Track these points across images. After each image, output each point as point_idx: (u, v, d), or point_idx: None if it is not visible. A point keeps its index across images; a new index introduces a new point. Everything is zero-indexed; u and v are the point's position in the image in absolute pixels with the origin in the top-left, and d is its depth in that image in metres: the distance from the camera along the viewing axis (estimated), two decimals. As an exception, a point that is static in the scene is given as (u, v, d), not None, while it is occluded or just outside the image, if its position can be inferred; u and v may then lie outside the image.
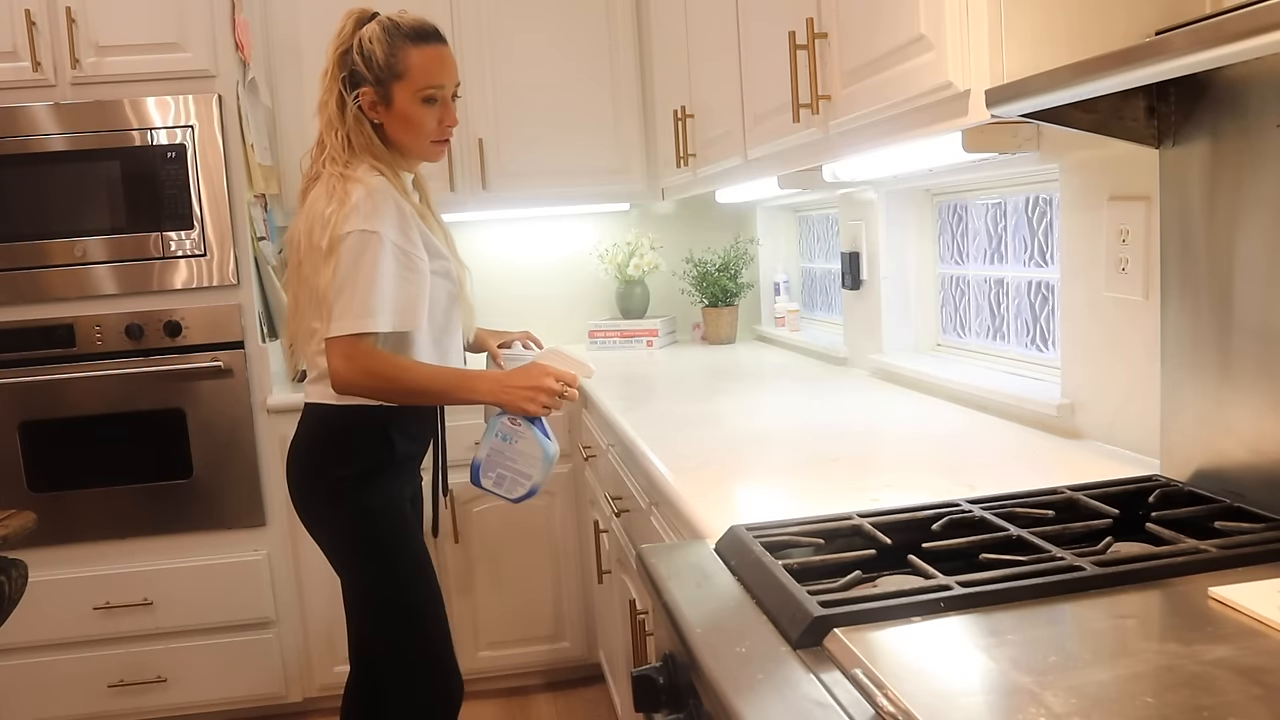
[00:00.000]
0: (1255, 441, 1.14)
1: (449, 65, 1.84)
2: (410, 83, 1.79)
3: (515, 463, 1.82)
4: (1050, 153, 1.63)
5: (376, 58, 1.78)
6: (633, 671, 1.14)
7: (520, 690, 3.03)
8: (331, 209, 1.70)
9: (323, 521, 1.88)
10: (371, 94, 1.80)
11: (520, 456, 1.81)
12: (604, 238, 3.49)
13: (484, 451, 1.84)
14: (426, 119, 1.82)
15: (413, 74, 1.79)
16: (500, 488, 1.84)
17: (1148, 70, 0.90)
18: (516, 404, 1.80)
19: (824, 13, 1.66)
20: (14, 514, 2.05)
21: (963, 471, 1.46)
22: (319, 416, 1.85)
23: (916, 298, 2.36)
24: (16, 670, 2.74)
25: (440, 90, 1.82)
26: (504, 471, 1.82)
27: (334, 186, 1.73)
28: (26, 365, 2.66)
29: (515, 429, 1.82)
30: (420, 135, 1.83)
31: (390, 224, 1.72)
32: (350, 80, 1.80)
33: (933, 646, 0.86)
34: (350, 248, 1.68)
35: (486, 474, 1.84)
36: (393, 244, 1.72)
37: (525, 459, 1.82)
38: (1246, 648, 0.80)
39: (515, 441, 1.82)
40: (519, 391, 1.80)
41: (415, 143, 1.84)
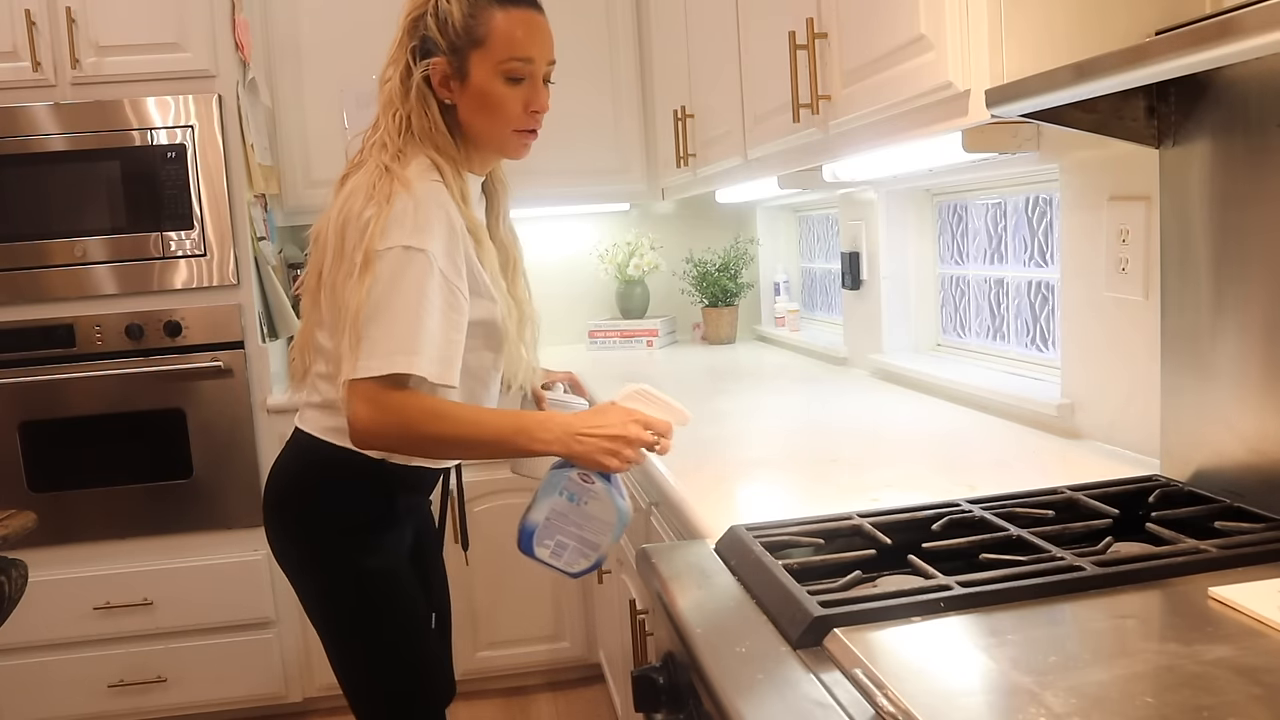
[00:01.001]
0: (1255, 441, 1.14)
1: (542, 35, 1.47)
2: (491, 52, 1.43)
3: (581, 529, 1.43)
4: (1050, 153, 1.63)
5: (453, 19, 1.43)
6: (633, 671, 1.14)
7: (520, 690, 3.03)
8: (370, 212, 1.37)
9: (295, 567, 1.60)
10: (444, 66, 1.45)
11: (589, 522, 1.42)
12: (604, 238, 3.48)
13: (541, 513, 1.44)
14: (509, 100, 1.45)
15: (495, 41, 1.43)
16: (559, 560, 1.44)
17: (1148, 70, 0.90)
18: (593, 458, 1.38)
19: (824, 13, 1.66)
20: (14, 514, 2.05)
21: (963, 471, 1.46)
22: (310, 449, 1.54)
23: (916, 298, 2.36)
24: (16, 670, 2.74)
25: (528, 65, 1.45)
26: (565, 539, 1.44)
27: (376, 182, 1.40)
28: (26, 365, 2.65)
29: (587, 488, 1.42)
30: (500, 121, 1.47)
31: (439, 244, 1.37)
32: (421, 50, 1.47)
33: (933, 646, 0.86)
34: (389, 266, 1.34)
35: (543, 542, 1.44)
36: (440, 271, 1.37)
37: (595, 525, 1.42)
38: (1246, 648, 0.80)
39: (585, 503, 1.42)
40: (597, 443, 1.38)
41: (494, 130, 1.48)
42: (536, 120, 1.49)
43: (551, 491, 1.43)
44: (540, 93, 1.48)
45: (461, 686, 2.99)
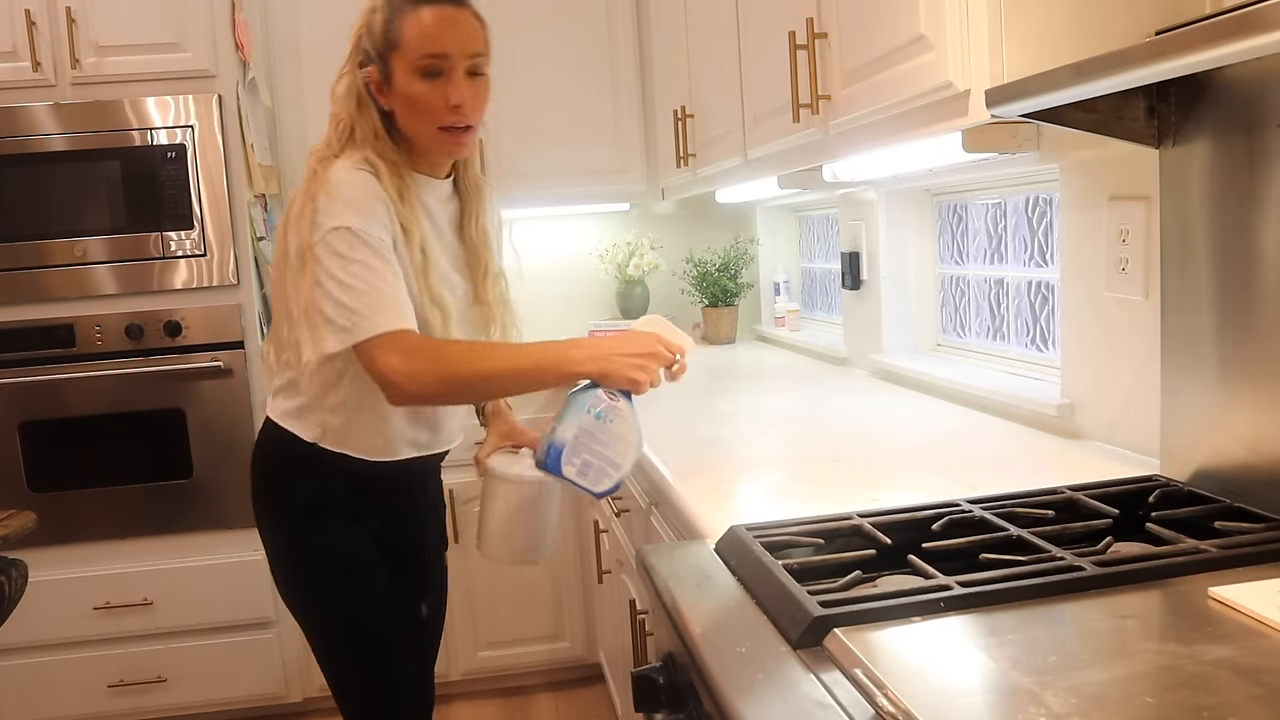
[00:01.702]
0: (1255, 441, 1.14)
1: (458, 29, 1.48)
2: (406, 52, 1.46)
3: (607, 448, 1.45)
4: (1050, 153, 1.63)
5: (376, 27, 1.49)
6: (633, 671, 1.14)
7: (520, 690, 3.03)
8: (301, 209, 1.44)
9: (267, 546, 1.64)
10: (375, 73, 1.49)
11: (614, 441, 1.45)
12: (604, 238, 3.48)
13: (570, 431, 1.44)
14: (428, 98, 1.46)
15: (408, 41, 1.45)
16: (585, 478, 1.45)
17: (1148, 70, 0.90)
18: (623, 374, 1.43)
19: (824, 13, 1.66)
20: (14, 514, 2.05)
21: (963, 471, 1.46)
22: (271, 436, 1.60)
23: (916, 298, 2.36)
24: (16, 670, 2.74)
25: (444, 60, 1.46)
26: (590, 458, 1.45)
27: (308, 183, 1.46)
28: (26, 365, 2.65)
29: (614, 406, 1.45)
30: (425, 120, 1.48)
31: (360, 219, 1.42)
32: (362, 61, 1.52)
33: (933, 646, 0.86)
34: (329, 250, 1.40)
35: (570, 460, 1.45)
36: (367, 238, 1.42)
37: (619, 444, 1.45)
38: (1246, 648, 0.80)
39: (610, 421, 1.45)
40: (628, 360, 1.44)
41: (421, 130, 1.50)
42: (460, 115, 1.48)
43: (580, 410, 1.45)
44: (458, 87, 1.47)
45: (461, 686, 3.00)
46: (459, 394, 1.50)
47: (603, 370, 1.44)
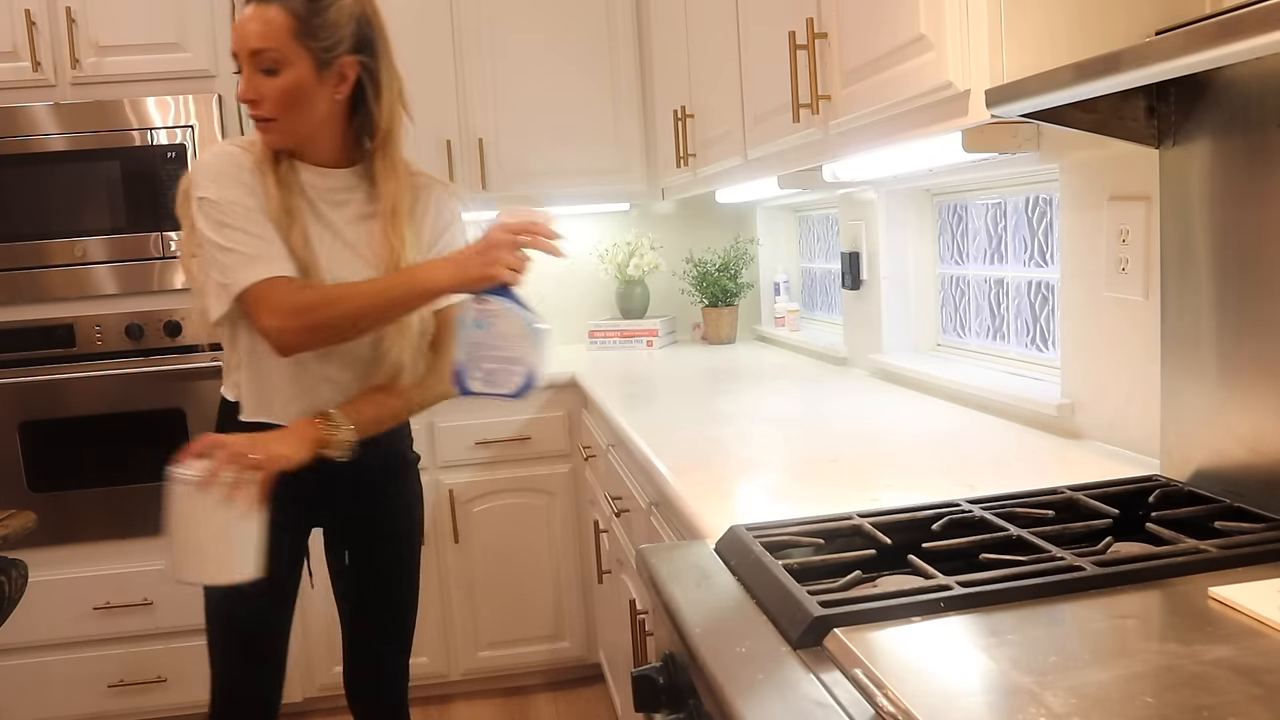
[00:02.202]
0: (1255, 441, 1.14)
1: (244, 28, 1.52)
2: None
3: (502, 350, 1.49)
4: (1050, 153, 1.63)
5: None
6: (633, 671, 1.14)
7: (520, 690, 3.03)
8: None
9: None
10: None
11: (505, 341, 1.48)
12: (604, 238, 3.49)
13: (462, 351, 1.52)
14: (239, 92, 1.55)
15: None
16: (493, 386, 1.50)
17: (1148, 70, 0.90)
18: (477, 274, 1.47)
19: (824, 13, 1.66)
20: (14, 514, 2.05)
21: (963, 471, 1.46)
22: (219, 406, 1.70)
23: (916, 298, 2.36)
24: (16, 670, 2.74)
25: (238, 59, 1.53)
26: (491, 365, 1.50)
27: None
28: (26, 365, 2.66)
29: (487, 309, 1.49)
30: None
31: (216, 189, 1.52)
32: None
33: (933, 646, 0.86)
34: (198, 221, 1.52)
35: (473, 375, 1.50)
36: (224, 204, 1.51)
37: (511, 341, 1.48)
38: (1246, 648, 0.80)
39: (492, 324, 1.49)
40: (475, 262, 1.48)
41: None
42: (254, 108, 1.54)
43: (462, 327, 1.51)
44: (243, 82, 1.53)
45: (461, 686, 3.00)
46: (331, 335, 1.53)
47: (458, 279, 1.49)
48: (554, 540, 2.94)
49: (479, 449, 2.87)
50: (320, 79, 1.53)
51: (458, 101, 3.07)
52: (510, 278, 1.48)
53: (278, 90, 1.52)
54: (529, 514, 2.92)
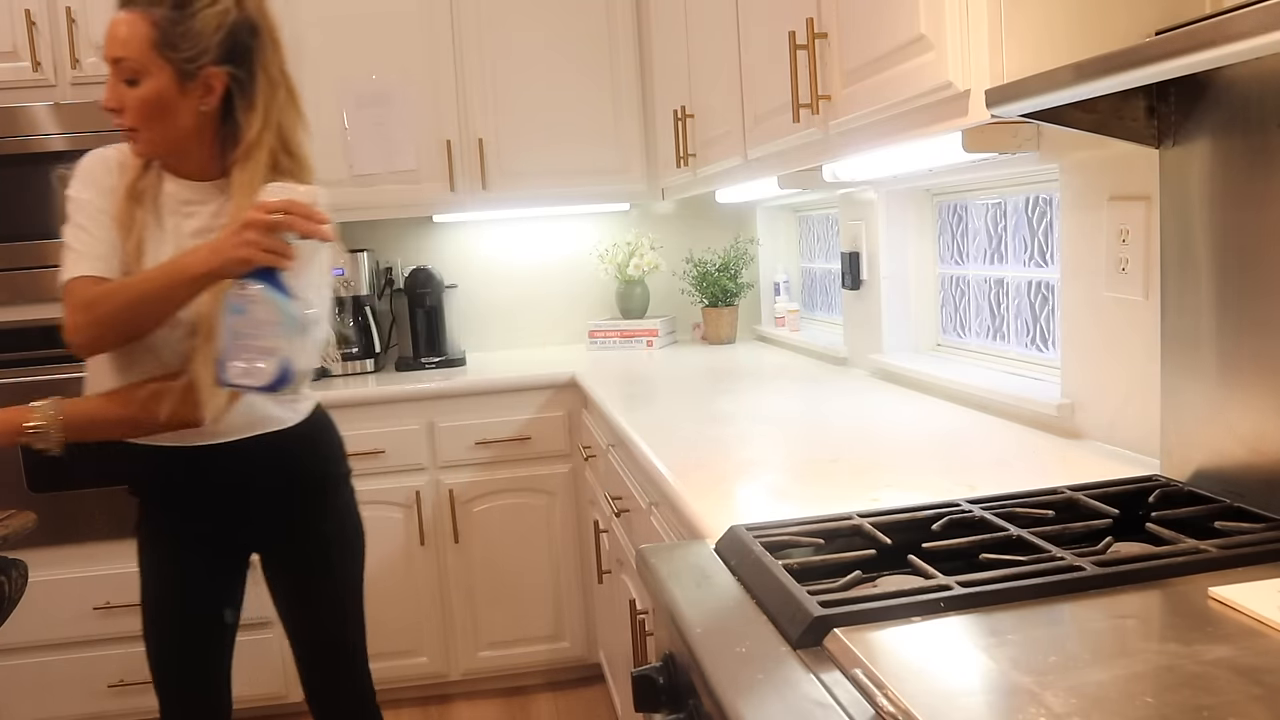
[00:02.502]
0: (1255, 441, 1.14)
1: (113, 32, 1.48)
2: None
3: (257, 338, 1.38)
4: (1050, 153, 1.63)
5: None
6: (633, 671, 1.14)
7: (520, 690, 3.03)
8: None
9: None
10: None
11: (262, 328, 1.38)
12: (604, 238, 3.49)
13: (223, 340, 1.41)
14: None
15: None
16: (249, 378, 1.39)
17: (1148, 70, 0.90)
18: (232, 256, 1.38)
19: (824, 13, 1.66)
20: (14, 514, 2.05)
21: (963, 471, 1.46)
22: None
23: (916, 298, 2.36)
24: (16, 670, 2.74)
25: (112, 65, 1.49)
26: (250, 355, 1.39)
27: None
28: (26, 365, 2.65)
29: (245, 294, 1.38)
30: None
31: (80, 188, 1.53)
32: None
33: (933, 646, 0.86)
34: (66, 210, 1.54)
35: (232, 364, 1.39)
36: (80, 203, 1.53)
37: (267, 329, 1.38)
38: (1246, 648, 0.80)
39: (250, 310, 1.38)
40: (227, 244, 1.39)
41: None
42: (114, 117, 1.51)
43: (225, 314, 1.41)
44: (105, 90, 1.50)
45: (461, 686, 3.01)
46: (115, 333, 1.48)
47: (214, 262, 1.40)
48: (554, 540, 2.94)
49: (479, 449, 2.87)
50: (183, 90, 1.49)
51: (458, 101, 3.07)
52: (264, 259, 1.37)
53: (138, 100, 1.48)
54: (529, 514, 2.92)
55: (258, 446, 1.65)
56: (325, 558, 1.77)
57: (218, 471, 1.65)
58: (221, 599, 1.74)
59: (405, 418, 2.83)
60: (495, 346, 3.51)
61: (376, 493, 2.82)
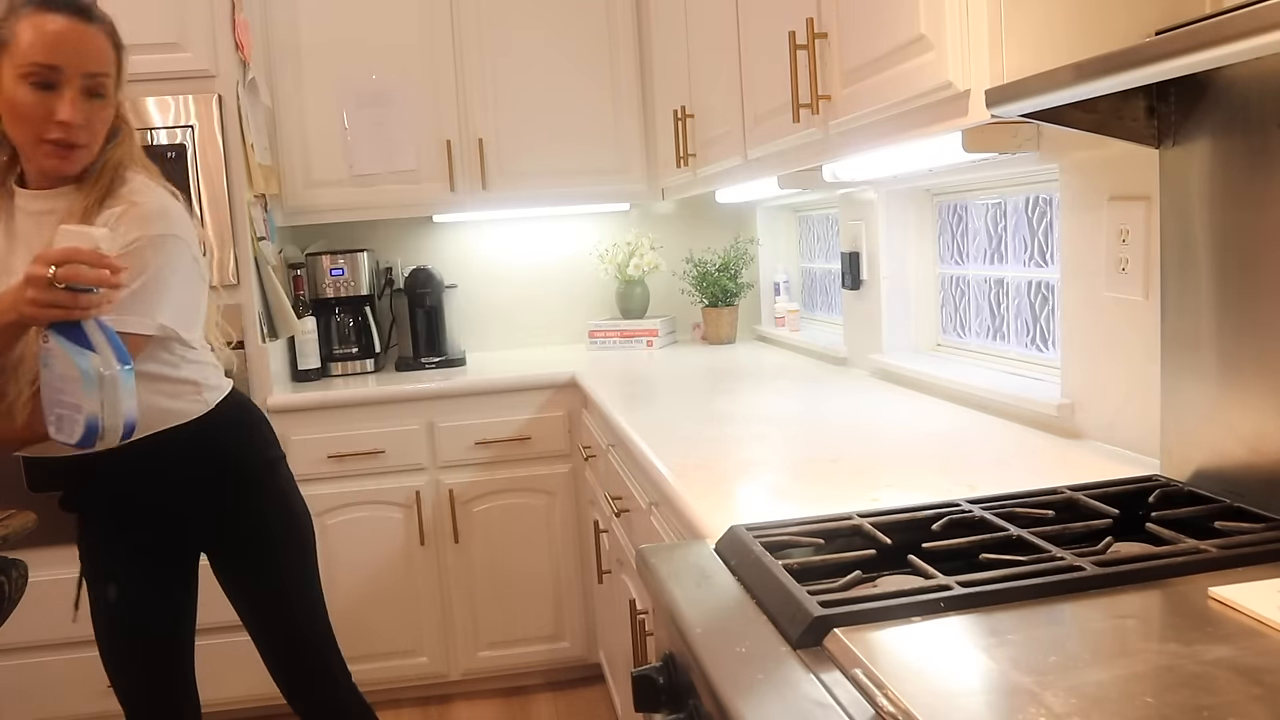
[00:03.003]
0: (1255, 441, 1.14)
1: (76, 45, 1.43)
2: (15, 55, 1.41)
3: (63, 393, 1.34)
4: (1050, 153, 1.63)
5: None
6: (633, 671, 1.14)
7: (520, 690, 3.03)
8: None
9: None
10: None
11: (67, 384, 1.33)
12: (604, 238, 3.49)
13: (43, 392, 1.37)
14: (33, 107, 1.42)
15: (19, 45, 1.41)
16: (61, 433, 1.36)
17: (1148, 70, 0.90)
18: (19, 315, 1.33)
19: (824, 13, 1.66)
20: (14, 514, 2.05)
21: (963, 471, 1.46)
22: None
23: (916, 298, 2.36)
24: (16, 670, 2.74)
25: (54, 73, 1.42)
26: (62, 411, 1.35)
27: None
28: (26, 365, 2.65)
29: (45, 348, 1.33)
30: (26, 128, 1.44)
31: None
32: None
33: (933, 646, 0.86)
34: None
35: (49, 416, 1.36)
36: None
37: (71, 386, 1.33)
38: (1246, 648, 0.80)
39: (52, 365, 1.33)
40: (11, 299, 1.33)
41: (22, 137, 1.47)
42: (66, 132, 1.44)
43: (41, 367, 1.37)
44: (66, 103, 1.43)
45: (461, 686, 3.00)
46: None
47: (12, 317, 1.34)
48: (554, 540, 2.94)
49: (479, 449, 2.87)
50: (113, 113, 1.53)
51: (458, 101, 3.07)
52: (47, 316, 1.31)
53: (102, 120, 1.48)
54: (529, 514, 2.92)
55: (161, 443, 1.60)
56: (267, 547, 1.75)
57: (125, 477, 1.62)
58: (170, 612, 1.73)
59: (405, 418, 2.83)
60: (495, 346, 3.51)
61: (376, 493, 2.82)
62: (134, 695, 1.72)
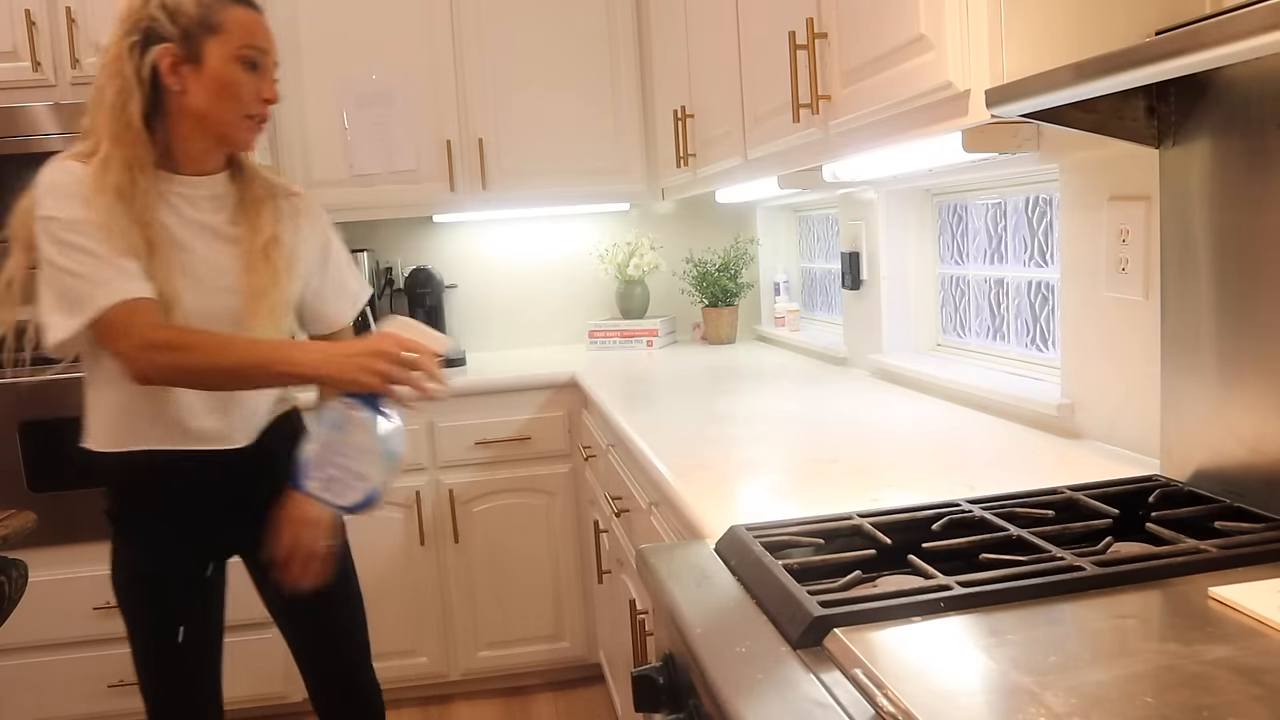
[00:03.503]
0: (1255, 441, 1.14)
1: (269, 34, 1.58)
2: (230, 38, 1.49)
3: (349, 459, 1.41)
4: (1050, 153, 1.63)
5: (185, 7, 1.47)
6: (633, 671, 1.14)
7: (520, 690, 3.03)
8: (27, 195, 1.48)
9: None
10: (175, 52, 1.46)
11: (356, 452, 1.40)
12: (604, 238, 3.49)
13: (314, 446, 1.44)
14: (246, 85, 1.51)
15: (232, 28, 1.50)
16: (328, 493, 1.41)
17: (1148, 70, 0.90)
18: (348, 376, 1.40)
19: (824, 13, 1.66)
20: (14, 514, 2.05)
21: (963, 471, 1.46)
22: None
23: (916, 298, 2.36)
24: (16, 670, 2.74)
25: (263, 55, 1.54)
26: (335, 472, 1.41)
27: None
28: (27, 365, 2.65)
29: (349, 415, 1.42)
30: (235, 105, 1.51)
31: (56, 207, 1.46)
32: (143, 43, 1.47)
33: (933, 646, 0.86)
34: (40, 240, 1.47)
35: (312, 475, 1.42)
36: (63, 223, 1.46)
37: (362, 455, 1.40)
38: (1246, 648, 0.81)
39: (349, 431, 1.41)
40: (351, 361, 1.41)
41: (227, 115, 1.51)
42: (265, 109, 1.55)
43: (321, 422, 1.43)
44: (269, 83, 1.55)
45: (461, 686, 3.01)
46: (191, 382, 1.48)
47: (324, 372, 1.42)
48: (554, 540, 2.94)
49: (479, 449, 2.87)
50: None
51: (458, 101, 3.07)
52: (382, 389, 1.41)
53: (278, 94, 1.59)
54: (529, 514, 2.92)
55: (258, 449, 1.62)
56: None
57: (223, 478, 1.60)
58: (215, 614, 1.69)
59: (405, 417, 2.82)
60: (495, 346, 3.51)
61: (376, 493, 2.82)
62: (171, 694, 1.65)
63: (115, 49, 1.49)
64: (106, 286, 1.42)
